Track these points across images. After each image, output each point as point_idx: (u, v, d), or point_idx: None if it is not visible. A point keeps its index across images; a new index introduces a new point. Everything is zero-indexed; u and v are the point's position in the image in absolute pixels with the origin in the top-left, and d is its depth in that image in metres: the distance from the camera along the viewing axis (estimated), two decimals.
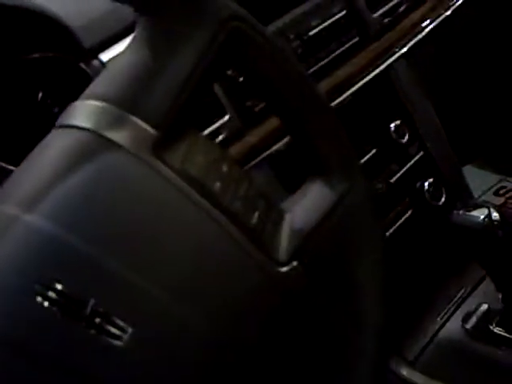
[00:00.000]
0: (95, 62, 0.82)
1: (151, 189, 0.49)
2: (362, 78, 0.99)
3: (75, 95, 0.84)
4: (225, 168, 0.53)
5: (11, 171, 0.80)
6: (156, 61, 0.51)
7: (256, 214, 0.52)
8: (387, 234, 0.94)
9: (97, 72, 0.81)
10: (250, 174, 0.55)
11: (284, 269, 0.52)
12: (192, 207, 0.50)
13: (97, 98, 0.51)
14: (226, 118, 0.83)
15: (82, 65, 0.82)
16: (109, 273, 0.46)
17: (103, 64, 0.82)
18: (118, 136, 0.49)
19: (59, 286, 0.44)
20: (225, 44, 0.52)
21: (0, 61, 0.82)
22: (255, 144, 0.86)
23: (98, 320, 0.44)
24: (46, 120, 0.86)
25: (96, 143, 0.49)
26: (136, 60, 0.52)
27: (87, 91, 0.53)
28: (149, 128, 0.49)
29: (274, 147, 0.86)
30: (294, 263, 0.53)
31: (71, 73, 0.84)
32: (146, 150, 0.49)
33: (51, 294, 0.44)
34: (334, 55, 0.97)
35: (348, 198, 0.57)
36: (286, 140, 0.86)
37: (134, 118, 0.50)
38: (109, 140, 0.49)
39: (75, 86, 0.84)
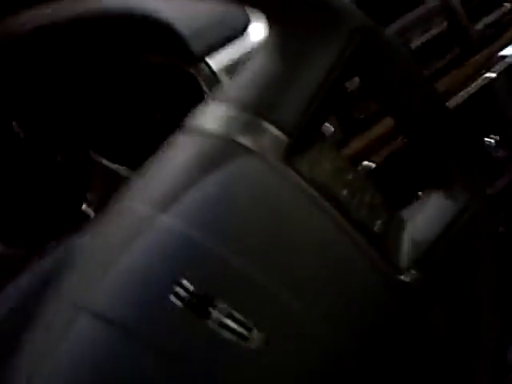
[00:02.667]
0: (203, 67, 0.83)
1: (281, 194, 0.50)
2: (461, 91, 0.98)
3: (179, 100, 0.86)
4: (350, 176, 0.53)
5: (112, 170, 0.82)
6: (289, 69, 0.52)
7: (379, 222, 0.52)
8: None
9: (205, 77, 0.83)
10: (373, 183, 0.55)
11: (404, 277, 0.52)
12: (320, 213, 0.50)
13: (228, 103, 0.52)
14: (329, 126, 0.84)
15: (191, 69, 0.83)
16: (238, 273, 0.46)
17: (211, 69, 0.83)
18: (251, 142, 0.50)
19: (189, 285, 0.45)
20: (354, 55, 0.53)
21: (107, 64, 0.84)
22: (357, 153, 0.86)
23: (225, 319, 0.45)
24: (148, 123, 0.88)
25: (227, 147, 0.50)
26: (268, 67, 0.53)
27: (217, 95, 0.54)
28: (281, 135, 0.50)
29: (376, 157, 0.86)
30: (415, 272, 0.52)
31: (177, 78, 0.85)
32: (277, 157, 0.50)
33: (181, 291, 0.44)
34: (434, 67, 0.96)
35: (469, 210, 0.56)
36: (387, 150, 0.86)
37: (267, 125, 0.50)
38: (241, 145, 0.50)
39: (180, 91, 0.86)
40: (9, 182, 0.78)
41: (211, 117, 0.52)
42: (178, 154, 0.52)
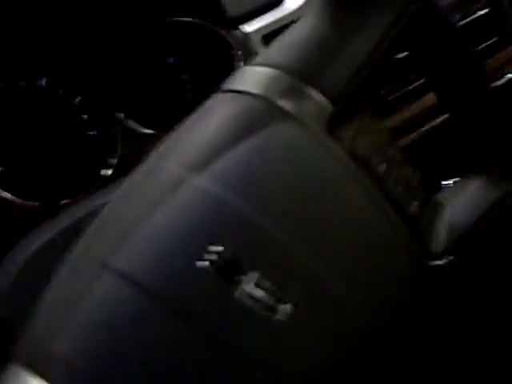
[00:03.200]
0: (238, 32, 0.82)
1: (319, 162, 0.48)
2: (497, 80, 0.96)
3: (210, 63, 0.85)
4: (391, 152, 0.51)
5: (137, 131, 0.81)
6: (338, 34, 0.50)
7: (416, 203, 0.51)
8: None
9: (238, 42, 0.81)
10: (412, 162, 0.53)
11: (438, 262, 0.51)
12: (356, 185, 0.49)
13: (271, 66, 0.50)
14: None
15: (224, 33, 0.82)
16: (271, 241, 0.45)
17: (245, 35, 0.81)
18: (292, 106, 0.48)
19: (220, 248, 0.43)
20: (407, 25, 0.51)
21: (141, 21, 0.82)
22: None
23: (254, 288, 0.43)
24: (175, 85, 0.86)
25: (268, 111, 0.48)
26: (316, 31, 0.51)
27: (260, 57, 0.52)
28: (325, 101, 0.48)
29: (406, 138, 0.84)
30: (449, 257, 0.51)
31: (209, 40, 0.84)
32: (319, 123, 0.48)
33: (212, 255, 0.43)
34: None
35: (508, 198, 0.55)
36: (418, 132, 0.85)
37: (311, 90, 0.48)
38: (282, 109, 0.48)
39: (212, 54, 0.84)
40: (31, 137, 0.77)
41: (251, 79, 0.50)
42: (214, 116, 0.50)
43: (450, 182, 0.83)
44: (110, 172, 0.79)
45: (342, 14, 0.50)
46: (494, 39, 0.97)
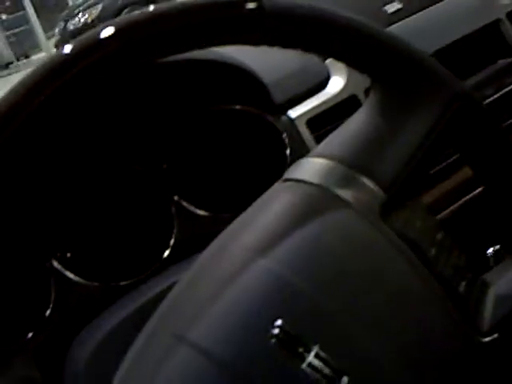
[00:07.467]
0: (284, 118, 0.86)
1: (373, 245, 0.52)
2: None
3: (260, 147, 0.89)
4: (439, 236, 0.55)
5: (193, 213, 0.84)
6: (389, 127, 0.54)
7: (464, 283, 0.54)
8: None
9: (285, 127, 0.85)
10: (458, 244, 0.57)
11: (486, 339, 0.53)
12: (408, 267, 0.52)
13: (328, 157, 0.54)
14: None
15: (271, 119, 0.86)
16: (331, 318, 0.48)
17: (291, 120, 0.85)
18: (348, 194, 0.52)
19: (285, 325, 0.47)
20: (451, 120, 0.55)
21: (191, 110, 0.87)
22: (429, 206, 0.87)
23: (317, 362, 0.46)
24: (227, 166, 0.90)
25: (326, 199, 0.53)
26: (369, 124, 0.55)
27: (318, 149, 0.57)
28: (378, 190, 0.53)
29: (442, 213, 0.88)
30: (496, 335, 0.54)
31: (258, 126, 0.88)
32: (373, 211, 0.52)
33: (278, 331, 0.46)
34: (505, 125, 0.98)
35: None
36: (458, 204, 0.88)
37: (365, 179, 0.53)
38: (338, 197, 0.52)
39: (261, 139, 0.88)
40: (94, 223, 0.81)
41: (310, 169, 0.55)
42: (276, 203, 0.54)
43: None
44: (167, 253, 0.83)
45: (392, 110, 0.55)
46: None
